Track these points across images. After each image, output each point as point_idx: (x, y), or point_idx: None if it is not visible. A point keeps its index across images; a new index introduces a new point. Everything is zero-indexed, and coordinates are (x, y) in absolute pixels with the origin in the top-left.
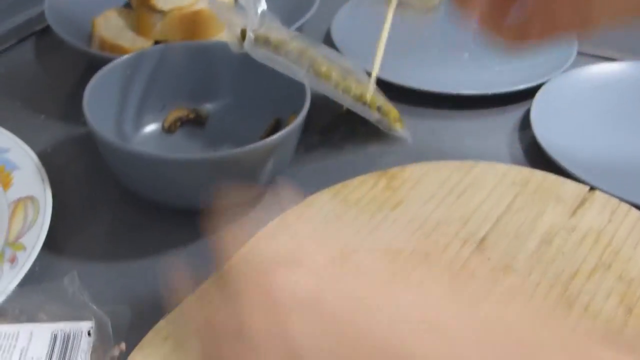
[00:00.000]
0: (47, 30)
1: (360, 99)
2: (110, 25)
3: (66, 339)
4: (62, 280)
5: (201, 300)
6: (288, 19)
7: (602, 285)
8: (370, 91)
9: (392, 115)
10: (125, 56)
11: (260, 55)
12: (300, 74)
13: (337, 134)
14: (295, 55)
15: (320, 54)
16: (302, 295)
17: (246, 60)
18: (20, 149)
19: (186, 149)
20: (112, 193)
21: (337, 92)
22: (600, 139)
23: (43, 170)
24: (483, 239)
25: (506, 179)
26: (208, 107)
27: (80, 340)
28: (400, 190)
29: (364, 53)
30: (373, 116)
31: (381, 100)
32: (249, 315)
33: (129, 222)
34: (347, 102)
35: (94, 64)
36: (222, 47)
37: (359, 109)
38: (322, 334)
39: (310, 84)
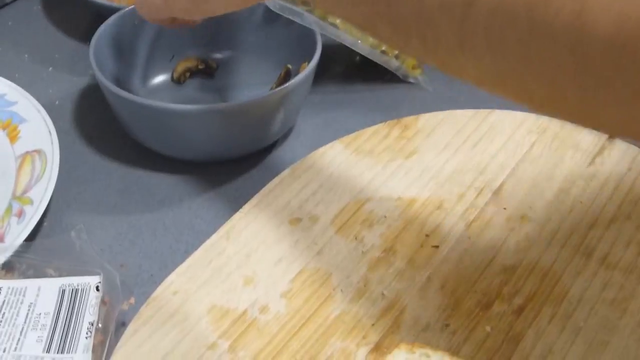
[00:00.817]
0: None
1: (378, 47)
2: None
3: (74, 294)
4: (69, 234)
5: (210, 252)
6: None
7: (621, 234)
8: None
9: (409, 62)
10: (132, 6)
11: (275, 3)
12: (311, 21)
13: (350, 84)
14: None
15: None
16: None
17: (256, 9)
18: (27, 101)
19: (196, 99)
20: (120, 145)
21: (355, 41)
22: None
23: (50, 123)
24: (499, 188)
25: (523, 127)
26: (217, 57)
27: (88, 295)
28: (414, 140)
29: None
30: (392, 63)
31: None
32: None
33: (137, 174)
34: (365, 51)
35: (102, 15)
36: None
37: (377, 57)
38: None
39: (325, 33)
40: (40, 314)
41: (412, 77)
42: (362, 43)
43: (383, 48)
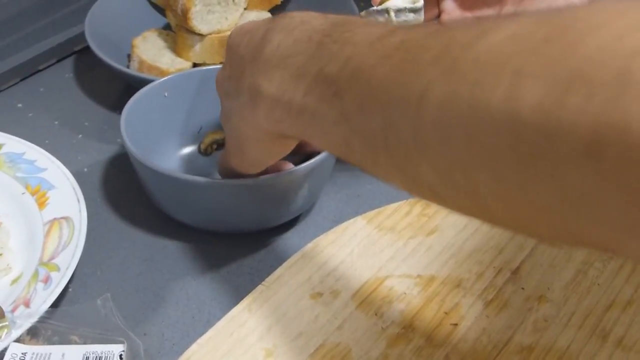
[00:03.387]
0: (86, 50)
1: None
2: (149, 47)
3: None
4: (95, 302)
5: (232, 324)
6: None
7: (637, 317)
8: None
9: None
10: (164, 78)
11: None
12: None
13: None
14: None
15: None
16: None
17: None
18: (56, 168)
19: None
20: (147, 214)
21: None
22: None
23: (79, 190)
24: (518, 268)
25: None
26: None
27: None
28: (435, 218)
29: None
30: None
31: None
32: None
33: (163, 244)
34: None
35: (133, 85)
36: None
37: None
38: None
39: None
40: None
41: None
42: None
43: None
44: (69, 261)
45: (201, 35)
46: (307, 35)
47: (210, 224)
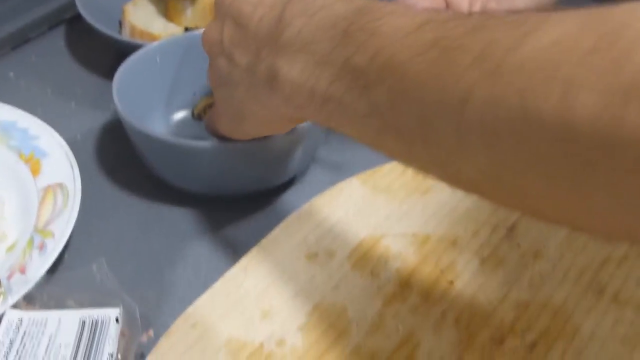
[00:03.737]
0: (77, 17)
1: None
2: (141, 12)
3: (94, 326)
4: (90, 267)
5: (228, 285)
6: None
7: (632, 272)
8: None
9: None
10: (155, 43)
11: None
12: None
13: None
14: None
15: None
16: None
17: None
18: (49, 136)
19: None
20: (141, 180)
21: None
22: None
23: (72, 157)
24: (513, 226)
25: None
26: None
27: (108, 327)
28: (429, 177)
29: None
30: None
31: None
32: None
33: (157, 209)
34: None
35: (124, 51)
36: None
37: None
38: None
39: None
40: (60, 344)
41: None
42: None
43: None
44: (63, 227)
45: (192, 0)
46: (331, 23)
47: (205, 187)
